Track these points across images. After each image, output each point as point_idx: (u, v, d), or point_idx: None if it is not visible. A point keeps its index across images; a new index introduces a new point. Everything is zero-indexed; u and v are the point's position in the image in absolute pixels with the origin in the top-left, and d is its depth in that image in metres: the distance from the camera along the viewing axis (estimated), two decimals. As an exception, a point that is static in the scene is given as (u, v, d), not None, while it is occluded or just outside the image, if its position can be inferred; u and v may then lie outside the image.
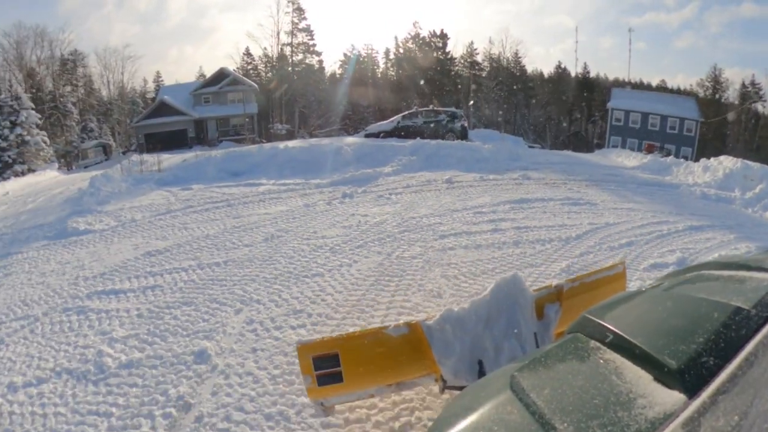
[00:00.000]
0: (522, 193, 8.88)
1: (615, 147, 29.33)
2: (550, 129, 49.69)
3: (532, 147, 28.37)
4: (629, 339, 1.23)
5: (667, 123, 35.85)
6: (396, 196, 8.72)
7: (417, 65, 46.17)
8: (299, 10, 44.79)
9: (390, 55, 50.95)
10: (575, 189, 9.44)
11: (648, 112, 36.34)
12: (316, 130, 37.99)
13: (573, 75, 50.21)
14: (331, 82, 47.82)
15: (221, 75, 40.20)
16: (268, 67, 48.28)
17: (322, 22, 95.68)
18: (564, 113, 50.10)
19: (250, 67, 49.32)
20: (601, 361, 1.23)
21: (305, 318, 4.06)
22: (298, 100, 42.98)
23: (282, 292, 4.63)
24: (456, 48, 64.49)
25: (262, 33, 62.89)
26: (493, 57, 50.22)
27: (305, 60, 46.16)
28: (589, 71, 50.52)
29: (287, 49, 45.27)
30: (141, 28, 72.92)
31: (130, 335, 4.05)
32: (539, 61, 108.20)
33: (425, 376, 2.64)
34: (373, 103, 44.39)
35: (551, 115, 50.17)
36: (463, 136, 17.67)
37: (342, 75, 48.63)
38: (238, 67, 47.49)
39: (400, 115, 18.96)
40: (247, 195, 9.02)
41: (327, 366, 2.44)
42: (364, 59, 49.26)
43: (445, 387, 2.52)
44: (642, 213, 7.60)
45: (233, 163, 12.08)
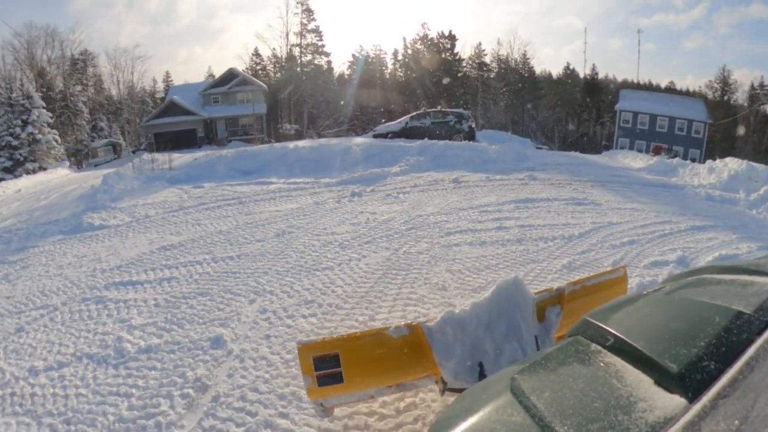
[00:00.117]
0: (527, 193, 8.98)
1: (623, 149, 29.19)
2: (558, 130, 49.56)
3: (539, 148, 28.36)
4: (630, 342, 1.24)
5: (675, 125, 35.69)
6: (404, 195, 8.87)
7: (425, 66, 46.21)
8: (308, 11, 45.06)
9: (398, 56, 51.10)
10: (580, 189, 9.53)
11: (656, 113, 36.20)
12: (325, 131, 38.18)
13: (582, 76, 50.08)
14: (340, 82, 47.89)
15: (230, 75, 40.39)
16: (276, 68, 48.53)
17: (330, 23, 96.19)
18: (572, 115, 49.92)
19: (258, 67, 49.62)
20: (602, 364, 1.24)
21: (316, 308, 4.24)
22: (307, 100, 43.09)
23: (294, 284, 4.81)
24: (464, 49, 64.65)
25: (271, 34, 62.89)
26: (502, 58, 50.23)
27: (314, 61, 46.32)
28: (597, 73, 50.43)
29: (296, 50, 45.49)
30: (151, 28, 73.76)
31: (148, 323, 4.21)
32: (548, 62, 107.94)
33: (425, 377, 2.62)
34: (381, 104, 44.46)
35: (559, 116, 50.02)
36: (470, 137, 17.70)
37: (350, 76, 48.74)
38: (247, 67, 47.84)
39: (408, 116, 19.00)
40: (258, 193, 9.20)
41: (327, 366, 2.43)
42: (372, 60, 49.30)
43: (446, 389, 2.51)
44: (645, 213, 7.66)
45: (244, 162, 12.23)
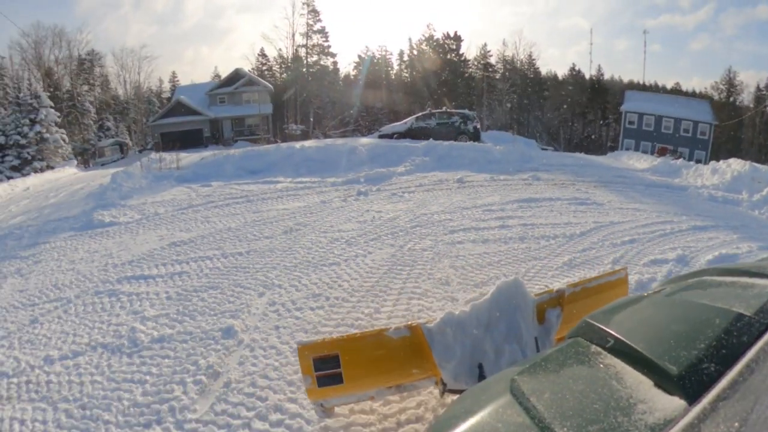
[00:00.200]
0: (531, 192, 9.08)
1: (628, 150, 29.23)
2: (563, 131, 49.49)
3: (544, 149, 28.36)
4: (630, 344, 1.24)
5: (680, 126, 35.61)
6: (409, 194, 8.99)
7: (430, 67, 46.36)
8: (314, 12, 45.44)
9: (404, 56, 51.28)
10: (583, 190, 9.61)
11: (661, 115, 36.13)
12: (331, 131, 38.39)
13: (587, 77, 50.00)
14: (346, 83, 48.19)
15: (236, 76, 40.65)
16: (282, 68, 48.83)
17: (336, 24, 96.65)
18: (578, 116, 49.85)
19: (264, 68, 49.93)
20: (602, 366, 1.24)
21: (323, 301, 4.38)
22: (313, 101, 43.38)
23: (302, 278, 4.95)
24: (469, 50, 64.87)
25: (277, 34, 63.44)
26: (507, 59, 50.21)
27: (320, 61, 46.69)
28: (603, 74, 50.32)
29: (302, 51, 45.87)
30: (158, 28, 74.43)
31: (161, 314, 4.36)
32: (554, 63, 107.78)
33: (425, 378, 2.62)
34: (386, 105, 44.62)
35: (565, 117, 49.94)
36: (475, 138, 17.80)
37: (356, 76, 48.98)
38: (253, 68, 48.15)
39: (413, 117, 19.09)
40: (266, 192, 9.36)
41: (327, 367, 2.44)
42: (378, 61, 49.59)
43: (445, 390, 2.51)
44: (647, 213, 7.72)
45: (251, 162, 12.39)
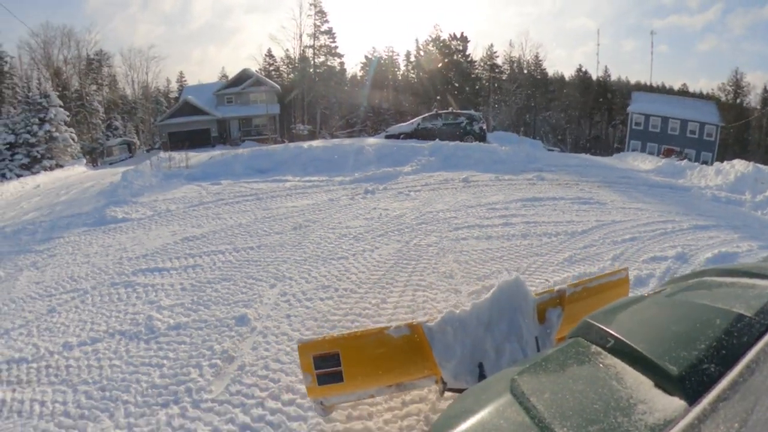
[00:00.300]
0: (535, 192, 9.23)
1: (635, 151, 29.19)
2: (570, 132, 49.39)
3: (551, 150, 28.36)
4: (630, 344, 1.24)
5: (687, 127, 35.48)
6: (415, 193, 9.18)
7: (437, 68, 46.48)
8: (321, 13, 45.64)
9: (410, 57, 51.37)
10: (587, 189, 9.74)
11: (668, 116, 36.02)
12: (337, 131, 38.60)
13: (594, 78, 49.84)
14: (352, 83, 48.29)
15: (244, 76, 40.85)
16: (290, 69, 49.10)
17: (343, 25, 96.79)
18: (585, 117, 49.74)
19: (272, 68, 50.20)
20: (602, 366, 1.24)
21: (332, 292, 4.57)
22: (320, 101, 43.61)
23: (311, 271, 5.15)
24: (476, 50, 64.47)
25: (284, 35, 64.07)
26: (513, 60, 50.22)
27: (327, 62, 46.85)
28: (610, 74, 50.16)
29: (309, 51, 46.09)
30: (165, 29, 75.06)
31: (176, 304, 4.57)
32: (561, 64, 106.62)
33: (425, 377, 2.63)
34: (393, 105, 44.76)
35: (572, 118, 49.85)
36: (481, 139, 17.90)
37: (363, 77, 49.15)
38: (261, 68, 48.43)
39: (420, 117, 19.24)
40: (275, 190, 9.58)
41: (327, 365, 2.43)
42: (384, 61, 49.74)
43: (445, 389, 2.51)
44: (649, 212, 7.85)
45: (259, 161, 12.64)
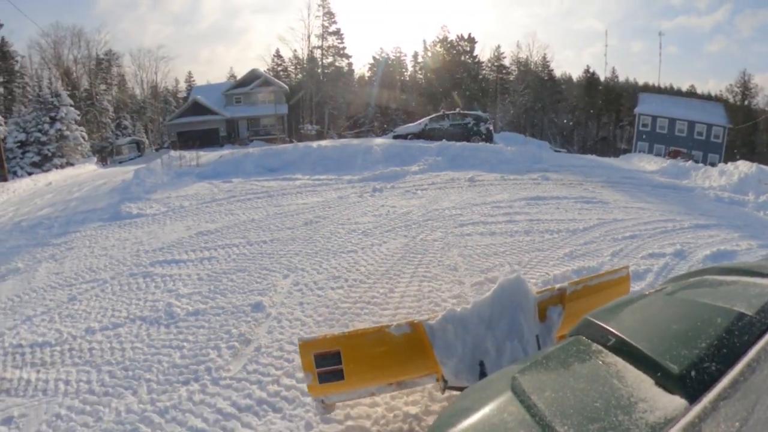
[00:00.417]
0: (539, 191, 9.40)
1: (642, 152, 29.17)
2: (578, 133, 49.34)
3: (558, 151, 28.38)
4: (631, 343, 1.24)
5: (694, 129, 35.39)
6: (421, 191, 9.41)
7: (444, 69, 46.64)
8: (330, 14, 46.02)
9: (418, 58, 51.64)
10: (590, 189, 9.90)
11: (675, 117, 35.94)
12: (345, 131, 38.86)
13: (602, 79, 49.71)
14: (360, 84, 48.62)
15: (253, 76, 41.19)
16: (298, 69, 49.44)
17: (351, 26, 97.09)
18: (592, 118, 49.65)
19: (280, 68, 50.57)
20: (603, 364, 1.25)
21: (342, 282, 4.83)
22: (328, 101, 43.91)
23: (322, 263, 5.41)
24: (483, 51, 64.63)
25: (292, 36, 64.52)
26: (521, 61, 50.21)
27: (335, 63, 47.20)
28: (617, 76, 50.03)
29: (317, 52, 46.43)
30: (174, 29, 75.76)
31: (194, 292, 4.83)
32: (569, 65, 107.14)
33: (426, 376, 2.64)
34: (400, 106, 45.01)
35: (579, 119, 49.77)
36: (488, 139, 18.03)
37: (371, 77, 49.53)
38: (269, 68, 48.82)
39: (427, 118, 19.39)
40: (285, 188, 9.84)
41: (328, 363, 2.44)
42: (392, 62, 50.00)
43: (446, 387, 2.51)
44: (651, 212, 7.99)
45: (269, 160, 12.92)
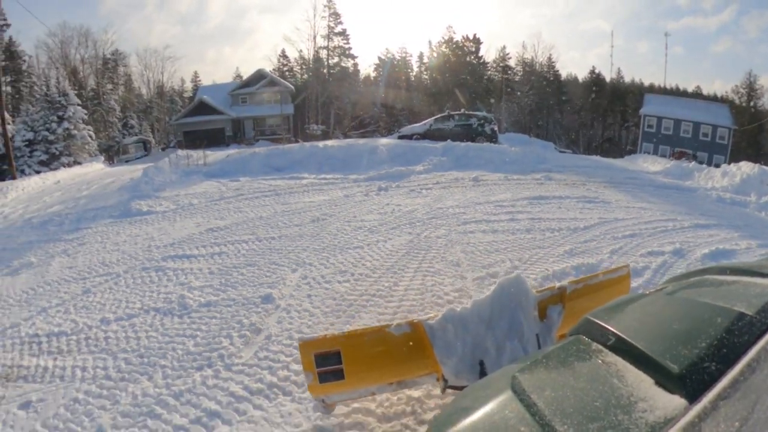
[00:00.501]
0: (542, 191, 9.54)
1: (647, 153, 29.13)
2: (583, 134, 49.25)
3: (563, 152, 28.44)
4: (631, 342, 1.25)
5: (699, 130, 35.23)
6: (426, 190, 9.58)
7: (450, 69, 46.73)
8: (335, 15, 46.12)
9: (423, 58, 51.65)
10: (593, 189, 10.02)
11: (680, 119, 35.78)
12: (351, 131, 39.04)
13: (608, 80, 49.51)
14: (366, 84, 48.71)
15: (258, 76, 41.31)
16: (303, 69, 49.67)
17: (357, 26, 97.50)
18: (597, 119, 49.53)
19: (285, 68, 50.79)
20: (603, 363, 1.25)
21: (349, 276, 5.01)
22: (333, 101, 44.09)
23: (329, 258, 5.59)
24: (489, 52, 64.76)
25: (298, 36, 64.35)
26: (526, 62, 50.16)
27: (340, 63, 47.34)
28: (623, 76, 49.81)
29: (323, 53, 46.60)
30: (181, 29, 76.17)
31: (206, 285, 5.03)
32: (575, 65, 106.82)
33: (426, 375, 2.64)
34: (406, 106, 45.08)
35: (584, 120, 49.66)
36: (492, 140, 18.13)
37: (376, 78, 49.58)
38: (275, 68, 49.03)
39: (432, 118, 19.51)
40: (292, 186, 10.04)
41: (329, 363, 2.45)
42: (398, 62, 50.11)
43: (446, 387, 2.52)
44: (652, 211, 8.10)
45: (276, 159, 13.11)
